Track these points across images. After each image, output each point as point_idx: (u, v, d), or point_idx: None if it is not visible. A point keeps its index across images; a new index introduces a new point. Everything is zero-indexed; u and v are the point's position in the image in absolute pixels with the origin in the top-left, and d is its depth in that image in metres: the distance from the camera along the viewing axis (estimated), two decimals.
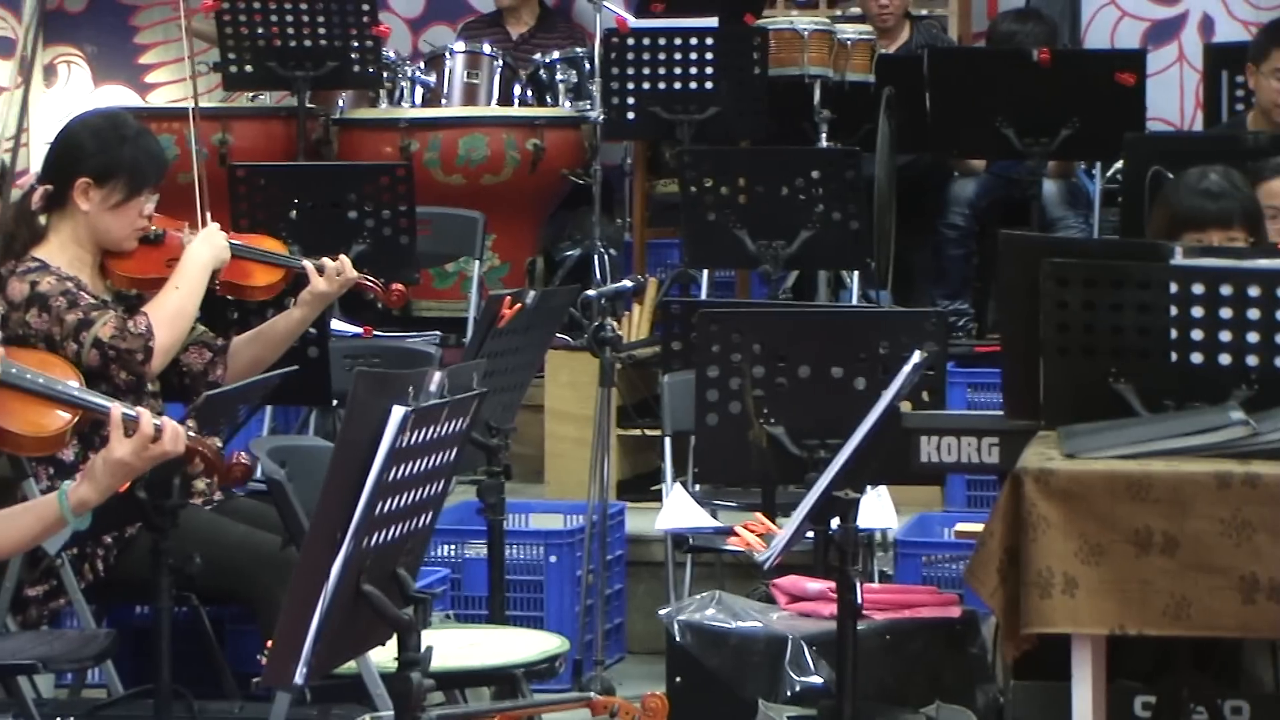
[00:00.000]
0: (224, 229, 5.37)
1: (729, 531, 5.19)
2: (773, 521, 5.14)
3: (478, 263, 7.86)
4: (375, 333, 6.74)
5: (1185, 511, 3.86)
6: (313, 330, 5.63)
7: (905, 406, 4.58)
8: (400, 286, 5.66)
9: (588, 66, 8.49)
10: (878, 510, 5.36)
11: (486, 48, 8.63)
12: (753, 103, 7.78)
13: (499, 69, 8.53)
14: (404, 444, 3.27)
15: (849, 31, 8.13)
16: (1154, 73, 8.49)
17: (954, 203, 8.32)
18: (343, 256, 5.44)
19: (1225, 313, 4.08)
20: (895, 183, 7.88)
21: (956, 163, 8.37)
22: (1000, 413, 4.45)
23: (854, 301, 7.84)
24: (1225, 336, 4.09)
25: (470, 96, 8.52)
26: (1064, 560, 3.88)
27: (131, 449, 4.05)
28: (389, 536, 3.37)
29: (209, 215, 5.40)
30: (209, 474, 4.55)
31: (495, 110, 8.45)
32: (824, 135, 7.95)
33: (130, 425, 4.06)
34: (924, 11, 9.18)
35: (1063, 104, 7.46)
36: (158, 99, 9.80)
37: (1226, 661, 4.52)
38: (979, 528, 4.07)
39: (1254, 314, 4.07)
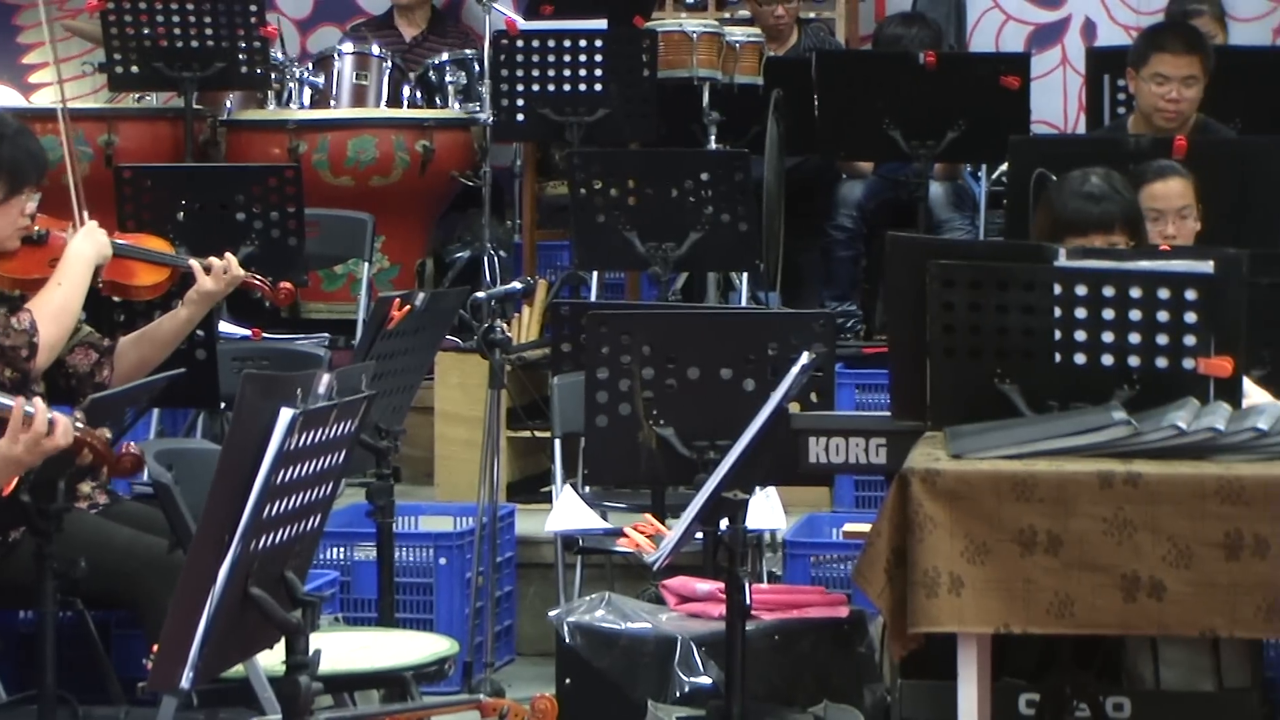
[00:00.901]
0: (110, 230, 5.33)
1: (619, 533, 5.21)
2: (662, 523, 5.16)
3: (367, 264, 7.84)
4: (264, 335, 6.71)
5: (1069, 511, 3.90)
6: (200, 332, 5.60)
7: (794, 407, 4.61)
8: (288, 285, 5.64)
9: (477, 68, 8.48)
10: (766, 511, 5.39)
11: (375, 49, 8.60)
12: (642, 105, 7.79)
13: (388, 70, 8.51)
14: (292, 446, 3.26)
15: (738, 34, 8.16)
16: (1038, 76, 8.57)
17: (842, 205, 8.37)
18: (229, 255, 5.42)
19: (1108, 314, 4.13)
20: (784, 185, 7.92)
21: (844, 165, 8.41)
22: (888, 413, 4.48)
23: (743, 303, 7.87)
24: (1108, 337, 4.13)
25: (359, 98, 8.49)
26: (950, 560, 3.91)
27: (25, 444, 4.04)
28: (277, 539, 3.35)
29: (87, 214, 5.35)
30: (98, 464, 4.51)
31: (384, 112, 8.43)
32: (713, 137, 7.98)
33: (27, 420, 4.05)
34: (812, 15, 9.23)
35: (948, 107, 7.52)
36: (41, 99, 9.71)
37: (1108, 659, 4.57)
38: (867, 528, 4.10)
39: (1135, 315, 4.11)
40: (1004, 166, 7.49)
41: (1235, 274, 4.13)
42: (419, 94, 8.54)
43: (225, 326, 6.31)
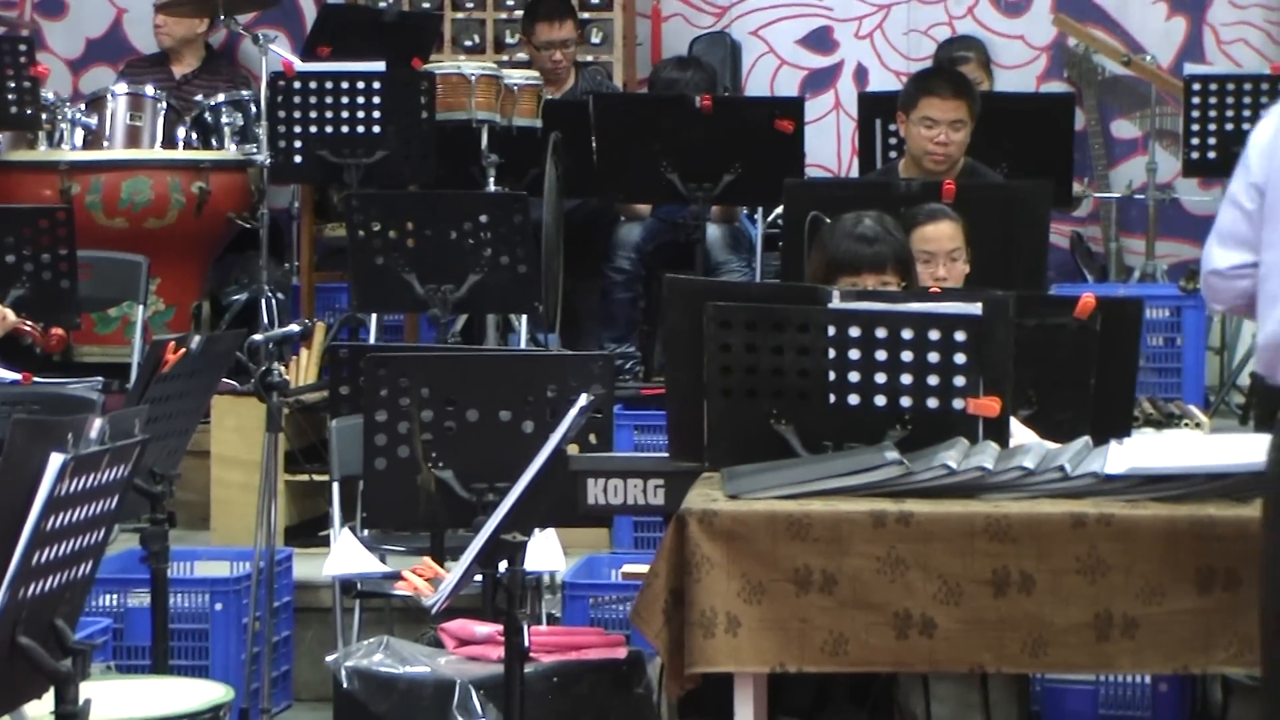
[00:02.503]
0: None
1: (397, 576, 5.17)
2: (441, 565, 5.13)
3: (141, 307, 7.74)
4: (34, 379, 6.58)
5: (843, 550, 3.96)
6: None
7: (572, 449, 4.62)
8: (59, 331, 5.56)
9: (254, 109, 8.42)
10: (545, 553, 5.39)
11: (149, 89, 8.50)
12: (420, 147, 7.78)
13: (163, 111, 8.41)
14: (63, 492, 3.21)
15: (516, 77, 8.18)
16: (812, 120, 8.69)
17: (620, 247, 8.42)
18: None
19: (880, 355, 4.20)
20: (562, 227, 7.94)
21: (622, 207, 8.46)
22: (666, 455, 4.51)
23: (522, 345, 7.88)
24: (880, 378, 4.20)
25: (133, 139, 8.38)
26: (727, 600, 3.95)
27: None
28: (47, 587, 3.30)
29: None
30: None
31: (159, 153, 8.33)
32: (492, 179, 7.99)
33: None
34: (589, 58, 9.29)
35: (725, 150, 7.60)
36: None
37: (881, 695, 4.63)
38: (645, 569, 4.12)
39: (907, 356, 4.19)
40: (779, 209, 7.57)
41: (1002, 316, 4.22)
42: (194, 135, 8.45)
43: None
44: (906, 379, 4.19)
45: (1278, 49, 9.23)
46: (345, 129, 7.75)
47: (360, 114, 7.75)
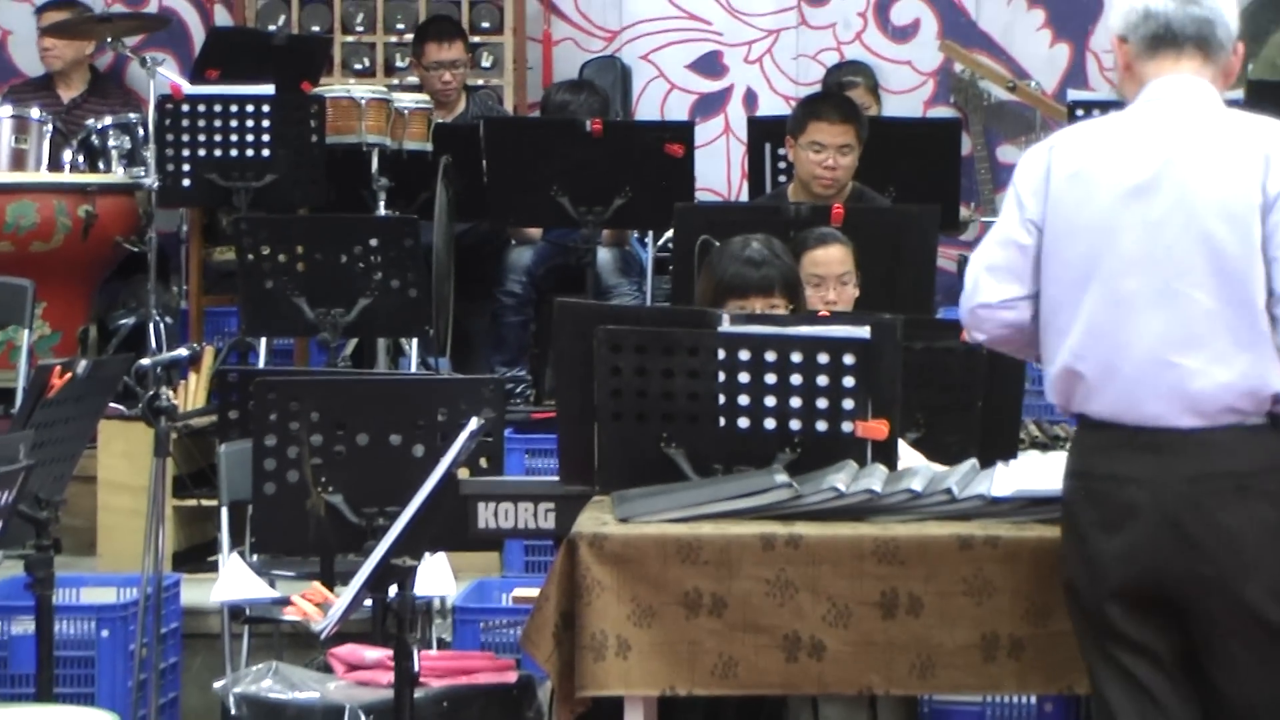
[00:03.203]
0: None
1: (286, 601, 5.15)
2: (331, 590, 5.12)
3: (27, 331, 7.65)
4: None
5: (732, 573, 3.97)
6: None
7: (463, 473, 4.62)
8: None
9: (142, 132, 8.36)
10: (436, 577, 5.37)
11: (35, 112, 8.42)
12: (310, 170, 7.75)
13: (49, 134, 8.33)
14: None
15: (406, 100, 8.17)
16: (701, 144, 8.70)
17: (511, 270, 8.41)
18: None
19: (770, 378, 4.22)
20: (453, 250, 7.94)
21: (513, 231, 8.46)
22: (556, 478, 4.51)
23: (413, 369, 7.86)
24: (770, 401, 4.23)
25: (18, 162, 8.29)
26: (617, 623, 3.95)
27: None
28: None
29: None
30: None
31: (45, 176, 8.25)
32: (382, 203, 7.97)
33: None
34: (480, 82, 9.29)
35: (615, 173, 7.61)
36: None
37: (771, 717, 4.65)
38: (536, 592, 4.12)
39: (796, 379, 4.21)
40: (669, 233, 7.59)
41: (890, 339, 4.25)
42: (81, 158, 8.39)
43: None
44: (796, 402, 4.22)
45: None
46: (234, 152, 7.72)
47: (249, 137, 7.71)
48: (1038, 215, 3.92)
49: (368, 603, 4.35)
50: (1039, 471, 4.21)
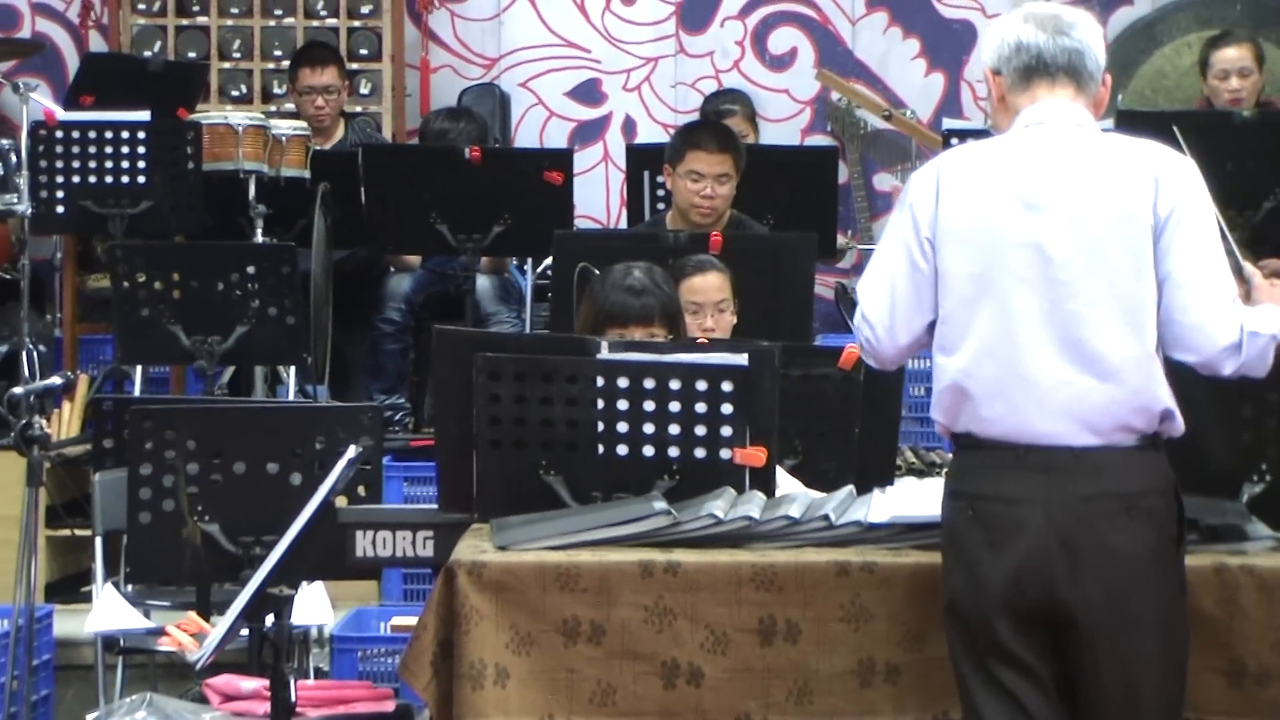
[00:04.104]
0: None
1: (161, 632, 5.11)
2: (207, 620, 5.08)
3: None
4: None
5: (611, 600, 3.97)
6: None
7: (341, 501, 4.60)
8: None
9: (14, 159, 8.27)
10: (313, 606, 5.36)
11: None
12: (187, 197, 7.70)
13: None
14: None
15: (284, 127, 8.14)
16: (581, 172, 8.74)
17: (390, 298, 8.39)
18: None
19: (648, 405, 4.23)
20: (331, 278, 7.91)
21: (392, 258, 8.44)
22: (435, 506, 4.50)
23: (291, 397, 7.82)
24: (649, 429, 4.23)
25: None
26: (496, 651, 3.94)
27: None
28: None
29: None
30: None
31: None
32: (259, 230, 7.93)
33: None
34: (358, 109, 9.27)
35: (494, 201, 7.61)
36: None
37: None
38: (414, 621, 4.11)
39: (675, 407, 4.23)
40: (549, 260, 7.60)
41: (768, 366, 4.27)
42: None
43: None
44: (674, 429, 4.23)
45: None
46: (109, 179, 7.66)
47: (125, 164, 7.66)
48: (931, 233, 3.94)
49: (244, 632, 4.32)
50: (915, 497, 4.24)
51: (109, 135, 7.66)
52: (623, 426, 4.23)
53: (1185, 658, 3.89)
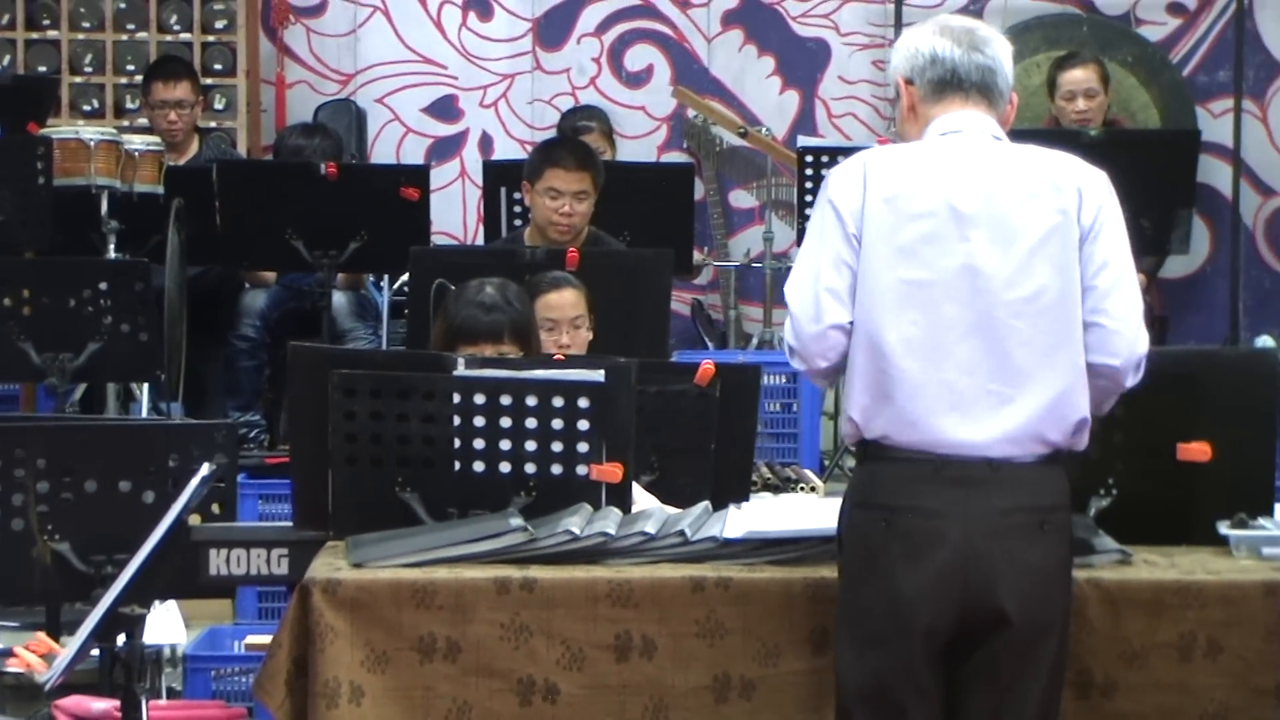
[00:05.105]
0: None
1: (9, 653, 5.04)
2: (57, 640, 5.02)
3: None
4: None
5: (467, 617, 3.97)
6: None
7: (195, 519, 4.56)
8: None
9: None
10: (166, 625, 5.30)
11: None
12: (37, 213, 7.60)
13: None
14: None
15: (137, 142, 8.06)
16: (437, 188, 8.73)
17: (245, 314, 8.34)
18: None
19: (505, 422, 4.24)
20: (185, 294, 7.84)
21: (247, 274, 8.39)
22: (291, 524, 4.47)
23: (144, 414, 7.74)
24: (505, 445, 4.24)
25: None
26: (351, 669, 3.93)
27: None
28: None
29: None
30: None
31: None
32: (112, 246, 7.85)
33: None
34: (213, 125, 9.20)
35: (350, 217, 7.58)
36: None
37: None
38: (269, 639, 4.08)
39: (531, 423, 4.23)
40: (405, 276, 7.58)
41: (624, 382, 4.29)
42: None
43: None
44: (531, 446, 4.23)
45: (884, 123, 9.55)
46: None
47: None
48: (856, 229, 3.93)
49: (95, 652, 4.27)
50: (771, 513, 4.27)
51: None
52: (479, 443, 4.23)
53: (1066, 669, 3.94)
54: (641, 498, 4.53)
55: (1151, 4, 9.61)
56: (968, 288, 3.88)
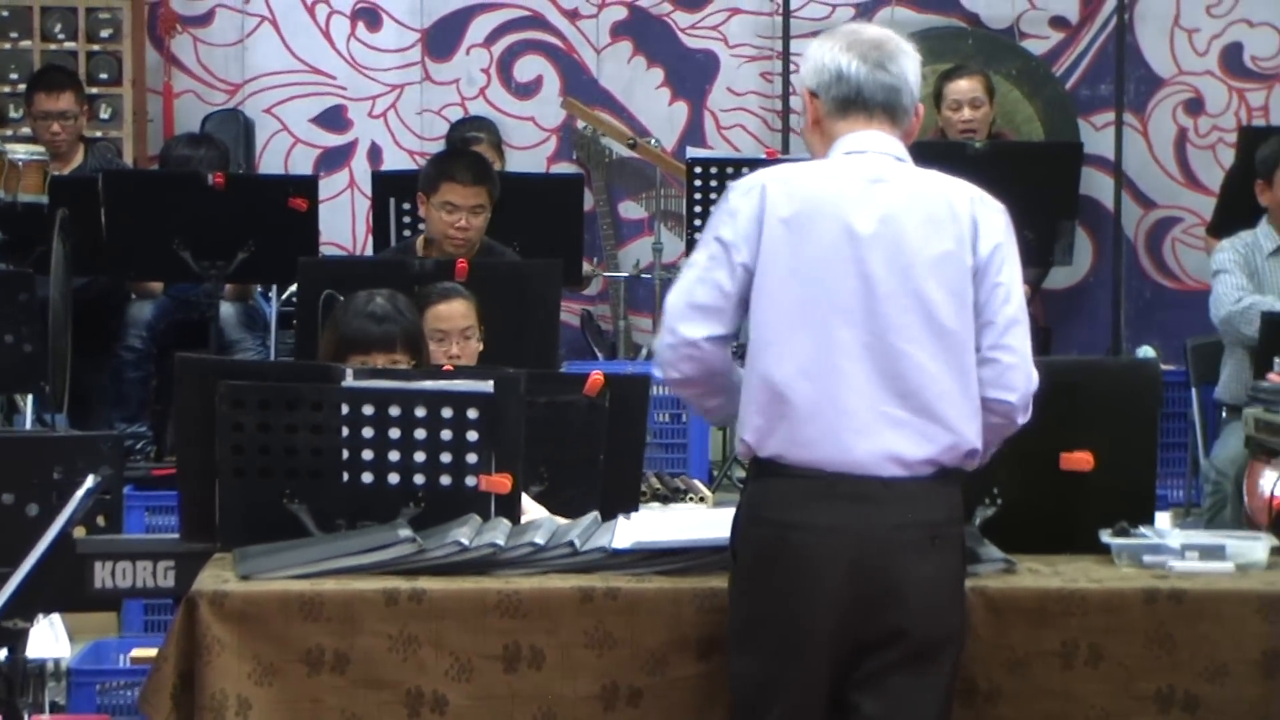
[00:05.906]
0: None
1: None
2: None
3: None
4: None
5: (355, 629, 3.96)
6: None
7: (80, 531, 4.53)
8: None
9: None
10: (50, 639, 5.26)
11: None
12: None
13: None
14: None
15: (20, 152, 8.00)
16: (326, 198, 8.69)
17: (132, 325, 8.28)
18: None
19: (394, 433, 4.23)
20: (71, 305, 7.77)
21: (134, 285, 8.33)
22: (178, 536, 4.45)
23: (28, 426, 7.68)
24: (394, 456, 4.23)
25: None
26: (238, 682, 3.91)
27: None
28: None
29: None
30: None
31: None
32: None
33: None
34: (99, 134, 9.13)
35: (239, 227, 7.54)
36: None
37: None
38: (156, 653, 4.06)
39: (420, 434, 4.23)
40: (294, 287, 7.55)
41: (514, 393, 4.29)
42: None
43: None
44: (420, 456, 4.23)
45: (772, 135, 9.60)
46: None
47: None
48: (749, 258, 3.93)
49: None
50: (659, 524, 4.28)
51: None
52: (368, 454, 4.22)
53: (958, 682, 3.97)
54: (531, 508, 4.54)
55: (1035, 18, 9.70)
56: (863, 311, 3.89)
